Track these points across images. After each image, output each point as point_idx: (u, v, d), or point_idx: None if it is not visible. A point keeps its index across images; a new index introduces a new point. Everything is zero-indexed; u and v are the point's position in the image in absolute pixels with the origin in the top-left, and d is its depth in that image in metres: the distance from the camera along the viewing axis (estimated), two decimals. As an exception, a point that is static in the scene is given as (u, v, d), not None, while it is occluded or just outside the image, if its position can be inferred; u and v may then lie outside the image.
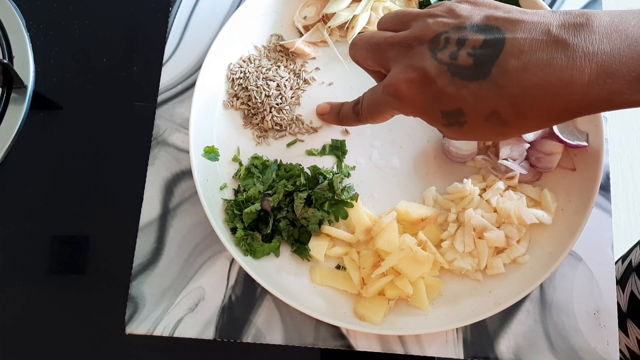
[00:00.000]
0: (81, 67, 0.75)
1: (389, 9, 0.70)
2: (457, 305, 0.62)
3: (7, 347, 0.66)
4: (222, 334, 0.64)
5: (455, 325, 0.59)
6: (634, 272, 0.80)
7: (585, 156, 0.64)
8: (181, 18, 0.74)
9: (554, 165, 0.64)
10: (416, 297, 0.61)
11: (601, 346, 0.62)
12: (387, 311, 0.61)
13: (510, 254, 0.62)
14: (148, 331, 0.64)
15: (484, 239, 0.62)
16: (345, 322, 0.60)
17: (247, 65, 0.71)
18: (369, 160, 0.69)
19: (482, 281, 0.63)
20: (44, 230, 0.69)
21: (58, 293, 0.67)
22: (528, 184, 0.66)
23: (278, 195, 0.62)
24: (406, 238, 0.62)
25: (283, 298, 0.60)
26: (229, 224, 0.64)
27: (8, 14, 0.74)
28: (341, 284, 0.63)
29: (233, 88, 0.70)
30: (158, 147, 0.70)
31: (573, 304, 0.64)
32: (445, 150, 0.67)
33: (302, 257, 0.64)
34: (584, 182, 0.63)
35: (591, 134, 0.64)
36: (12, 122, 0.70)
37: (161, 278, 0.66)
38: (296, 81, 0.71)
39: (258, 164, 0.67)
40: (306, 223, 0.63)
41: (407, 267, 0.60)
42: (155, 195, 0.68)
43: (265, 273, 0.62)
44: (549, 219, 0.63)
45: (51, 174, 0.71)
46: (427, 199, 0.66)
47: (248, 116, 0.70)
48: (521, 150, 0.65)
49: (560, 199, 0.65)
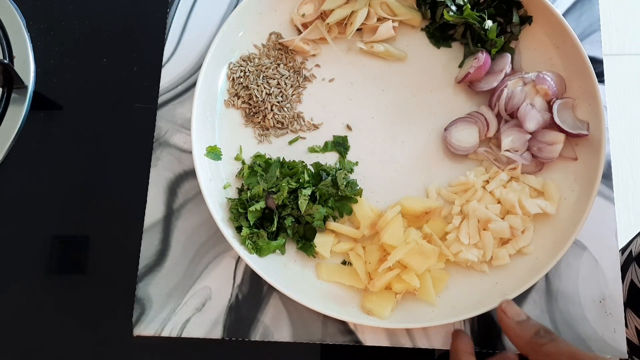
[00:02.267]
0: (81, 67, 0.75)
1: (388, 4, 0.70)
2: (463, 297, 0.62)
3: (7, 347, 0.66)
4: (230, 333, 0.64)
5: (463, 317, 0.60)
6: (634, 261, 0.80)
7: (587, 145, 0.65)
8: (179, 19, 0.74)
9: (556, 155, 0.65)
10: (423, 290, 0.61)
11: (608, 333, 0.63)
12: (395, 305, 0.61)
13: (515, 245, 0.63)
14: (156, 332, 0.64)
15: (488, 230, 0.62)
16: (353, 317, 0.60)
17: (247, 64, 0.71)
18: (372, 155, 0.69)
19: (488, 272, 0.63)
20: (44, 230, 0.69)
21: (58, 293, 0.67)
22: (531, 174, 0.66)
23: (282, 193, 0.62)
24: (411, 232, 0.63)
25: (291, 295, 0.60)
26: (234, 223, 0.64)
27: (8, 14, 0.74)
28: (348, 280, 0.63)
29: (234, 87, 0.70)
30: (160, 148, 0.70)
31: (579, 292, 0.64)
32: (447, 143, 0.67)
33: (308, 253, 0.64)
34: (586, 171, 0.64)
35: (592, 123, 0.65)
36: (12, 122, 0.70)
37: (167, 279, 0.66)
38: (296, 79, 0.71)
39: (261, 162, 0.67)
40: (311, 220, 0.63)
41: (413, 261, 0.60)
42: (158, 196, 0.68)
43: (272, 271, 0.62)
44: (553, 208, 0.63)
45: (51, 174, 0.71)
46: (431, 192, 0.67)
47: (249, 115, 0.70)
48: (523, 140, 0.65)
49: (563, 188, 0.65)
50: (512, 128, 0.66)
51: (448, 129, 0.68)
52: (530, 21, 0.69)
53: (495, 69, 0.68)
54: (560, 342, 0.53)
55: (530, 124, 0.64)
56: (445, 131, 0.68)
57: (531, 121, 0.64)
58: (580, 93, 0.66)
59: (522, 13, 0.69)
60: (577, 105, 0.66)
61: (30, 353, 0.66)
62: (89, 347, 0.66)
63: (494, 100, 0.67)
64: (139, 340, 0.65)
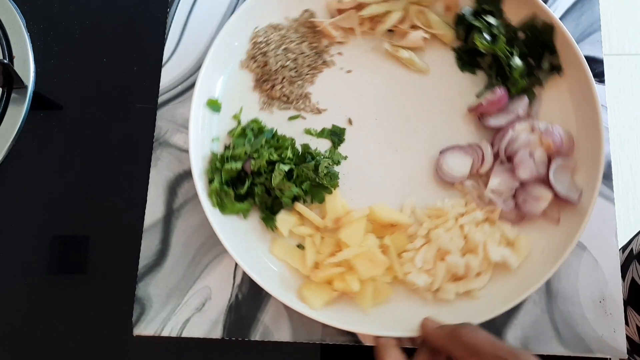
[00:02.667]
0: (81, 67, 0.75)
1: (425, 14, 0.69)
2: (401, 317, 0.62)
3: (8, 347, 0.67)
4: (230, 332, 0.64)
5: (392, 334, 0.59)
6: (635, 259, 0.79)
7: (574, 212, 0.63)
8: (179, 19, 0.75)
9: (538, 211, 0.63)
10: (361, 296, 0.61)
11: (608, 334, 0.62)
12: (330, 300, 0.62)
13: (466, 285, 0.62)
14: (156, 332, 0.64)
15: (444, 261, 0.61)
16: (285, 297, 0.60)
17: (272, 32, 0.72)
18: (363, 154, 0.69)
19: (430, 302, 0.62)
20: (44, 230, 0.69)
21: (58, 293, 0.68)
22: (508, 222, 0.64)
23: (261, 160, 0.63)
24: (370, 237, 0.62)
25: (236, 256, 0.61)
26: (209, 175, 0.65)
27: (8, 14, 0.74)
28: (296, 262, 0.64)
29: (253, 50, 0.71)
30: (160, 148, 0.70)
31: (579, 292, 0.64)
32: (437, 167, 0.67)
33: (268, 226, 0.65)
34: (564, 237, 0.62)
35: (586, 193, 0.62)
36: (12, 122, 0.70)
37: (167, 279, 0.66)
38: (315, 60, 0.72)
39: (255, 127, 0.68)
40: (280, 195, 0.64)
41: (360, 264, 0.61)
42: (158, 196, 0.69)
43: (227, 231, 0.63)
44: (516, 263, 0.62)
45: (51, 174, 0.71)
46: (405, 208, 0.66)
47: (260, 80, 0.71)
48: (511, 186, 0.63)
49: (534, 247, 0.63)
50: (504, 171, 0.64)
51: (443, 153, 0.67)
52: (560, 72, 0.67)
53: (510, 108, 0.66)
54: (479, 331, 0.53)
55: (524, 172, 0.63)
56: (440, 154, 0.67)
57: (525, 170, 0.63)
58: (585, 159, 0.64)
59: (554, 61, 0.67)
60: (578, 170, 0.64)
61: (30, 353, 0.67)
62: (89, 347, 0.66)
63: (497, 138, 0.66)
64: (139, 340, 0.65)
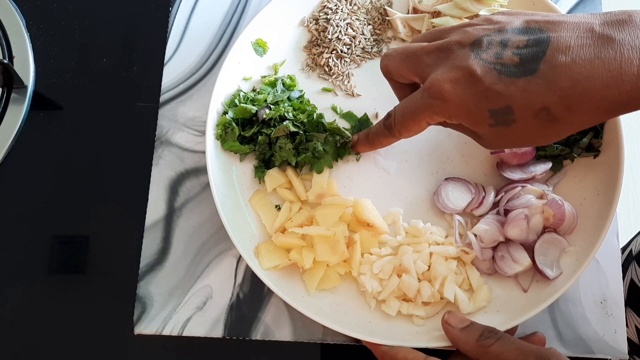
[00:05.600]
0: (81, 67, 0.75)
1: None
2: (338, 310, 0.62)
3: (7, 347, 0.67)
4: (231, 332, 0.65)
5: (323, 322, 0.59)
6: (634, 260, 0.78)
7: (544, 286, 0.61)
8: (181, 18, 0.75)
9: (511, 273, 0.61)
10: (309, 275, 0.62)
11: (609, 334, 0.62)
12: (280, 267, 0.63)
13: (410, 308, 0.61)
14: (157, 331, 0.65)
15: (400, 278, 0.61)
16: (242, 248, 0.62)
17: (345, 4, 0.72)
18: (374, 152, 0.69)
19: (371, 309, 0.62)
20: (44, 230, 0.70)
21: (59, 293, 0.68)
22: (478, 270, 0.63)
23: (274, 113, 0.65)
24: (341, 226, 0.63)
25: (213, 188, 0.63)
26: (225, 108, 0.67)
27: (8, 14, 0.74)
28: (266, 219, 0.65)
29: (320, 12, 0.72)
30: (162, 147, 0.71)
31: (580, 293, 0.64)
32: (436, 191, 0.66)
33: (256, 175, 0.67)
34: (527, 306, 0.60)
35: (563, 275, 0.60)
36: (12, 122, 0.71)
37: (168, 278, 0.67)
38: (372, 46, 0.72)
39: (287, 83, 0.70)
40: (277, 150, 0.65)
41: (320, 246, 0.61)
42: (160, 195, 0.69)
43: (217, 170, 0.65)
44: (467, 309, 0.61)
45: (51, 174, 0.71)
46: (389, 216, 0.66)
47: (312, 42, 0.72)
48: (494, 239, 0.62)
49: (492, 304, 0.62)
50: (495, 222, 0.63)
51: (447, 181, 0.66)
52: (596, 155, 0.65)
53: (530, 168, 0.65)
54: (506, 340, 0.53)
55: (512, 231, 0.61)
56: (444, 180, 0.66)
57: (514, 229, 0.61)
58: (580, 247, 0.62)
59: (595, 143, 0.65)
60: (567, 252, 0.62)
61: (30, 353, 0.67)
62: (90, 347, 0.67)
63: (504, 189, 0.64)
64: (140, 339, 0.66)
